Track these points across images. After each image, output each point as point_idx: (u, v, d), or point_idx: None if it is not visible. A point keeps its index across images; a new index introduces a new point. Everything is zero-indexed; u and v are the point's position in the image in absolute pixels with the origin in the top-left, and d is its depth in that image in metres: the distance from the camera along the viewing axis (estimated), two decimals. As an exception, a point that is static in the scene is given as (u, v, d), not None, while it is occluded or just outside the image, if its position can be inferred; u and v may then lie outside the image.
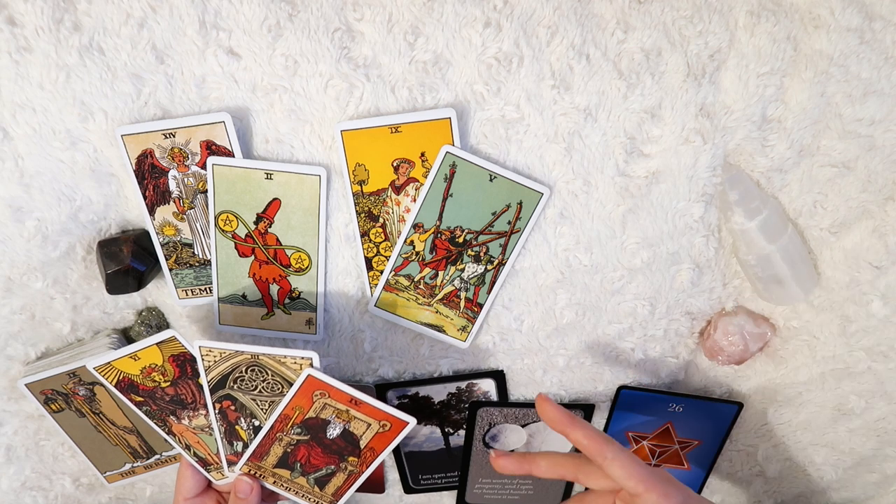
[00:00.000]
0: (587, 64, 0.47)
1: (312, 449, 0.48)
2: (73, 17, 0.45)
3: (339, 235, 0.53)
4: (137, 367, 0.47)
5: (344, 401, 0.45)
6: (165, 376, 0.47)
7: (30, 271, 0.53)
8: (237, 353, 0.45)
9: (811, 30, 0.46)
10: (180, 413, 0.49)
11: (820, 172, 0.51)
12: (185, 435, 0.50)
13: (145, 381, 0.48)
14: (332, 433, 0.47)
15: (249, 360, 0.45)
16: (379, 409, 0.45)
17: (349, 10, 0.47)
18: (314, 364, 0.45)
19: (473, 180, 0.50)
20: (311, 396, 0.45)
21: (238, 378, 0.46)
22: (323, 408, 0.46)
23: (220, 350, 0.45)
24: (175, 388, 0.48)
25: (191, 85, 0.48)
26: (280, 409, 0.46)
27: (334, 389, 0.45)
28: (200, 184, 0.51)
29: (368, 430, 0.47)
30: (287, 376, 0.45)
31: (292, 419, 0.46)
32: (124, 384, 0.48)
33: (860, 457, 0.66)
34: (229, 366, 0.46)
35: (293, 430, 0.47)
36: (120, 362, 0.47)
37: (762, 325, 0.57)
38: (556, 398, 0.62)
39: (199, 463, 0.51)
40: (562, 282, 0.55)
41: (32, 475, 0.64)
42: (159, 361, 0.47)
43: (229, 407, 0.47)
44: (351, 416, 0.46)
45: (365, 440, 0.47)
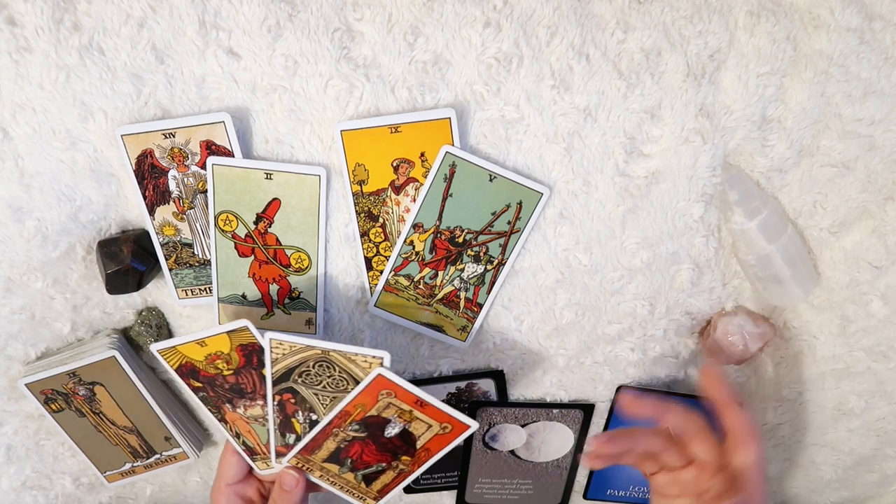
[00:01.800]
0: (587, 64, 0.47)
1: (367, 446, 0.47)
2: (72, 17, 0.45)
3: (338, 235, 0.53)
4: (203, 353, 0.46)
5: (409, 402, 0.44)
6: (229, 364, 0.46)
7: (30, 271, 0.53)
8: (307, 348, 0.44)
9: (811, 30, 0.46)
10: (237, 402, 0.47)
11: (820, 172, 0.51)
12: (237, 423, 0.49)
13: (207, 368, 0.47)
14: (391, 432, 0.46)
15: (319, 355, 0.44)
16: (443, 412, 0.44)
17: (349, 10, 0.47)
18: (385, 363, 0.43)
19: (473, 180, 0.50)
20: (377, 395, 0.44)
21: (304, 372, 0.45)
22: (386, 407, 0.45)
23: (290, 343, 0.44)
24: (237, 377, 0.46)
25: (191, 85, 0.48)
26: (342, 405, 0.45)
27: (402, 390, 0.43)
28: (200, 184, 0.51)
29: (428, 430, 0.46)
30: (355, 374, 0.44)
31: (353, 416, 0.45)
32: (186, 369, 0.47)
33: (860, 457, 0.66)
34: (297, 360, 0.44)
35: (351, 427, 0.46)
36: (186, 347, 0.46)
37: (762, 325, 0.57)
38: (555, 398, 0.62)
39: (246, 451, 0.49)
40: (561, 282, 0.55)
41: (33, 475, 0.64)
42: (226, 350, 0.46)
43: (289, 399, 0.46)
44: (413, 416, 0.45)
45: (422, 441, 0.46)
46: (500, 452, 0.66)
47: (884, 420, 0.62)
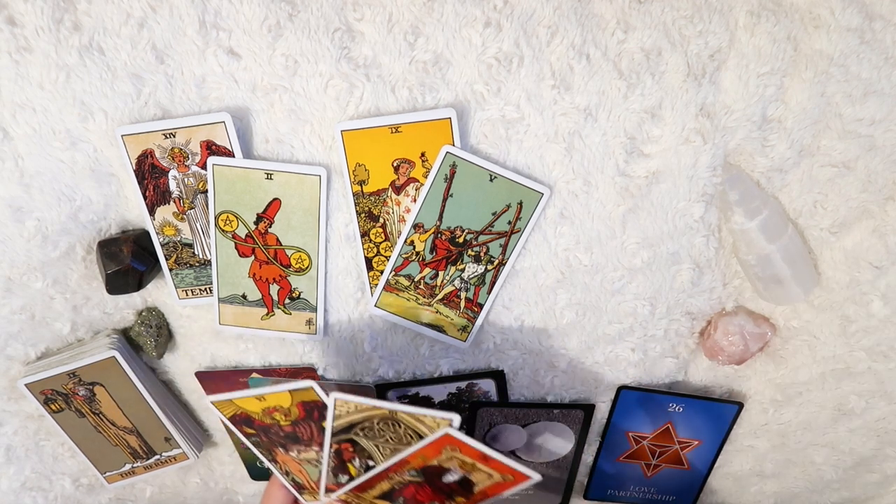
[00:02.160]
0: (587, 64, 0.47)
1: (422, 488, 0.45)
2: (73, 17, 0.45)
3: (339, 235, 0.53)
4: (261, 406, 0.45)
5: (474, 456, 0.42)
6: (288, 417, 0.45)
7: (30, 271, 0.53)
8: (373, 408, 0.42)
9: (811, 30, 0.46)
10: (291, 447, 0.46)
11: (820, 172, 0.51)
12: (288, 464, 0.47)
13: (264, 419, 0.45)
14: (450, 479, 0.44)
15: (385, 415, 0.42)
16: (507, 465, 0.42)
17: (349, 9, 0.47)
18: (454, 424, 0.41)
19: (473, 180, 0.50)
20: (441, 450, 0.43)
21: (366, 427, 0.43)
22: (448, 459, 0.43)
23: (356, 403, 0.42)
24: (294, 427, 0.45)
25: (191, 85, 0.48)
26: (403, 455, 0.43)
27: (467, 447, 0.42)
28: (200, 184, 0.51)
29: (488, 479, 0.44)
30: (421, 431, 0.42)
31: (412, 465, 0.44)
32: (240, 418, 0.46)
33: (860, 457, 0.66)
34: (361, 417, 0.43)
35: (409, 473, 0.45)
36: (244, 401, 0.44)
37: (762, 325, 0.57)
38: (556, 398, 0.62)
39: (294, 486, 0.48)
40: (562, 282, 0.55)
41: (32, 475, 0.64)
42: (286, 405, 0.44)
43: (347, 448, 0.45)
44: (475, 468, 0.43)
45: (480, 486, 0.44)
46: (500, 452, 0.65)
47: (884, 420, 0.62)
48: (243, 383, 0.60)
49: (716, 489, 0.72)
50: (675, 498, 0.70)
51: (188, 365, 0.61)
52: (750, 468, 0.69)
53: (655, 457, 0.66)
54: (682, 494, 0.70)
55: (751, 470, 0.69)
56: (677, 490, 0.69)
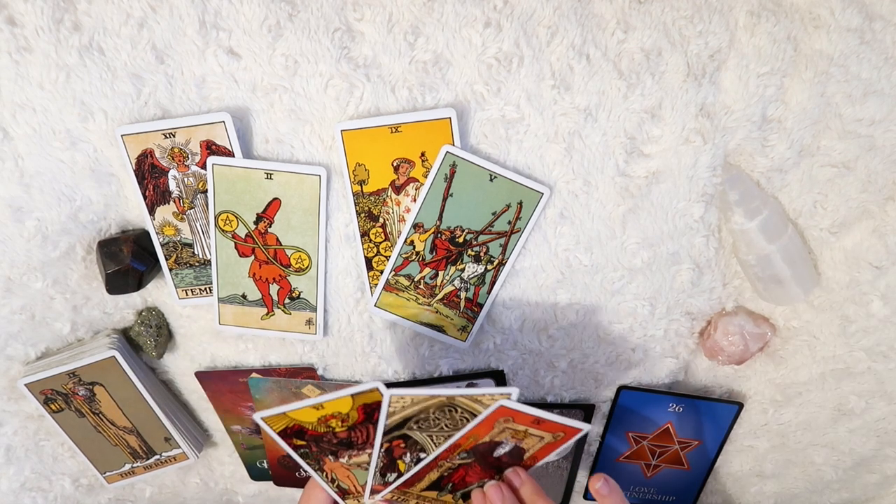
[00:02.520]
0: (587, 64, 0.47)
1: (471, 468, 0.44)
2: (73, 17, 0.45)
3: (339, 235, 0.53)
4: (317, 415, 0.42)
5: (527, 423, 0.41)
6: (345, 423, 0.42)
7: (30, 271, 0.53)
8: (430, 398, 0.40)
9: (811, 30, 0.46)
10: (342, 453, 0.44)
11: (820, 172, 0.51)
12: (336, 471, 0.45)
13: (318, 428, 0.43)
14: (501, 452, 0.44)
15: (444, 402, 0.41)
16: (559, 424, 0.42)
17: (349, 10, 0.47)
18: (513, 397, 0.40)
19: (473, 180, 0.50)
20: (494, 423, 0.41)
21: (422, 419, 0.42)
22: (501, 431, 0.42)
23: (412, 397, 0.40)
24: (349, 433, 0.43)
25: (191, 85, 0.48)
26: (454, 439, 0.42)
27: (521, 414, 0.41)
28: (200, 184, 0.51)
29: (539, 442, 0.43)
30: (476, 411, 0.41)
31: (463, 447, 0.43)
32: (291, 431, 0.43)
33: (860, 457, 0.66)
34: (417, 410, 0.41)
35: (459, 456, 0.43)
36: (299, 412, 0.42)
37: (762, 325, 0.57)
38: (556, 398, 0.62)
39: (338, 493, 0.46)
40: (562, 282, 0.55)
41: (32, 476, 0.64)
42: (346, 410, 0.42)
43: (398, 445, 0.43)
44: (528, 434, 0.42)
45: (530, 452, 0.44)
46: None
47: (884, 420, 0.62)
48: (243, 383, 0.60)
49: (716, 489, 0.72)
50: (675, 498, 0.70)
51: (188, 365, 0.61)
52: (750, 468, 0.69)
53: (655, 457, 0.66)
54: (682, 495, 0.70)
55: (751, 470, 0.69)
56: (677, 490, 0.69)
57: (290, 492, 0.73)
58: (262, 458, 0.68)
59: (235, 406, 0.63)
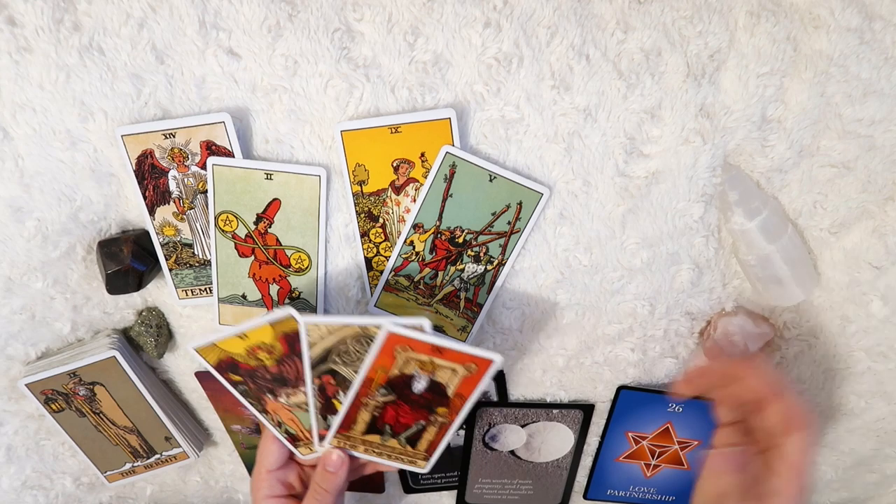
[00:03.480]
0: (587, 64, 0.47)
1: (400, 408, 0.46)
2: (73, 18, 0.45)
3: (338, 236, 0.53)
4: (244, 345, 0.45)
5: (426, 351, 0.43)
6: (272, 354, 0.45)
7: (30, 271, 0.53)
8: (345, 327, 0.43)
9: (811, 30, 0.46)
10: (279, 391, 0.46)
11: (820, 173, 0.51)
12: (279, 412, 0.48)
13: (248, 360, 0.45)
14: (418, 387, 0.45)
15: (358, 332, 0.43)
16: (463, 353, 0.43)
17: (349, 10, 0.47)
18: (425, 328, 0.42)
19: (473, 180, 0.50)
20: (393, 353, 0.43)
21: (343, 352, 0.44)
22: (405, 363, 0.43)
23: (326, 325, 0.43)
24: (279, 367, 0.45)
25: (191, 85, 0.48)
26: (362, 373, 0.44)
27: (416, 342, 0.42)
28: (200, 184, 0.51)
29: (454, 375, 0.44)
30: None
31: (376, 381, 0.44)
32: (225, 364, 0.46)
33: (860, 457, 0.66)
34: (334, 339, 0.43)
35: (379, 392, 0.45)
36: (226, 342, 0.45)
37: (762, 325, 0.57)
38: (555, 398, 0.62)
39: (289, 439, 0.48)
40: (561, 282, 0.55)
41: (33, 474, 0.65)
42: (269, 340, 0.44)
43: (329, 382, 0.45)
44: (435, 365, 0.44)
45: (452, 388, 0.45)
46: (500, 453, 0.66)
47: (883, 420, 0.62)
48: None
49: (715, 489, 0.72)
50: (675, 498, 0.70)
51: (188, 364, 0.61)
52: (750, 468, 0.69)
53: (655, 457, 0.66)
54: (682, 494, 0.70)
55: (750, 470, 0.69)
56: (677, 490, 0.69)
57: (290, 491, 0.73)
58: (263, 457, 0.68)
59: (235, 406, 0.63)
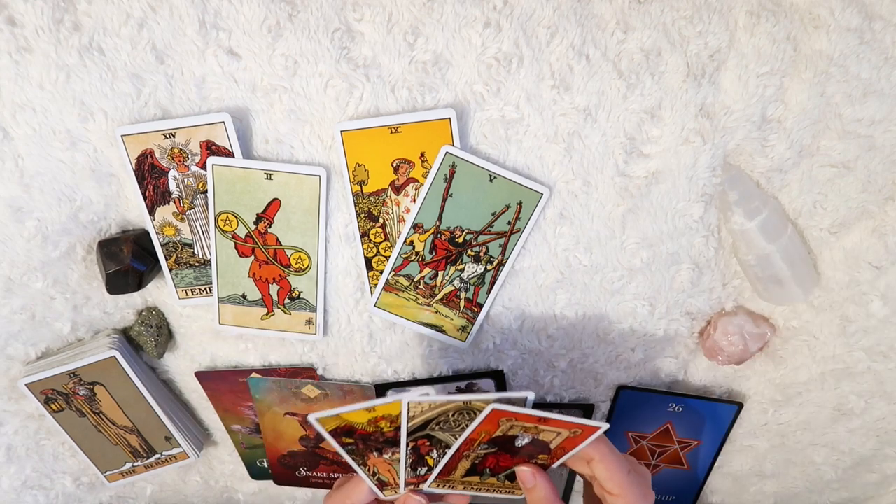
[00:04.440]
0: (587, 64, 0.47)
1: (500, 457, 0.46)
2: (73, 18, 0.45)
3: (338, 235, 0.53)
4: (368, 416, 0.43)
5: (532, 421, 0.43)
6: (393, 424, 0.44)
7: (30, 271, 0.53)
8: (448, 403, 0.42)
9: (811, 30, 0.46)
10: (387, 450, 0.45)
11: (820, 172, 0.51)
12: (378, 465, 0.46)
13: (368, 428, 0.44)
14: (522, 443, 0.45)
15: (460, 406, 0.42)
16: (568, 422, 0.42)
17: (349, 10, 0.47)
18: (528, 402, 0.42)
19: (473, 180, 0.50)
20: (497, 422, 0.43)
21: (442, 421, 0.43)
22: (510, 428, 0.44)
23: (430, 403, 0.42)
24: (395, 433, 0.44)
25: (191, 85, 0.48)
26: (465, 434, 0.43)
27: (521, 415, 0.42)
28: (200, 184, 0.51)
29: (558, 436, 0.44)
30: None
31: (478, 440, 0.44)
32: (341, 430, 0.44)
33: (860, 457, 0.66)
34: (436, 413, 0.43)
35: (481, 447, 0.45)
36: (352, 415, 0.43)
37: (762, 325, 0.57)
38: (556, 398, 0.62)
39: (378, 485, 0.47)
40: (562, 282, 0.55)
41: (33, 474, 0.65)
42: (396, 413, 0.43)
43: (423, 444, 0.45)
44: (540, 429, 0.44)
45: (555, 444, 0.45)
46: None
47: (884, 420, 0.62)
48: (243, 383, 0.61)
49: (715, 489, 0.72)
50: (675, 498, 0.70)
51: (188, 364, 0.61)
52: (749, 468, 0.69)
53: (655, 457, 0.66)
54: (682, 494, 0.70)
55: (750, 470, 0.69)
56: (677, 490, 0.69)
57: (289, 490, 0.73)
58: (262, 457, 0.68)
59: (235, 406, 0.63)
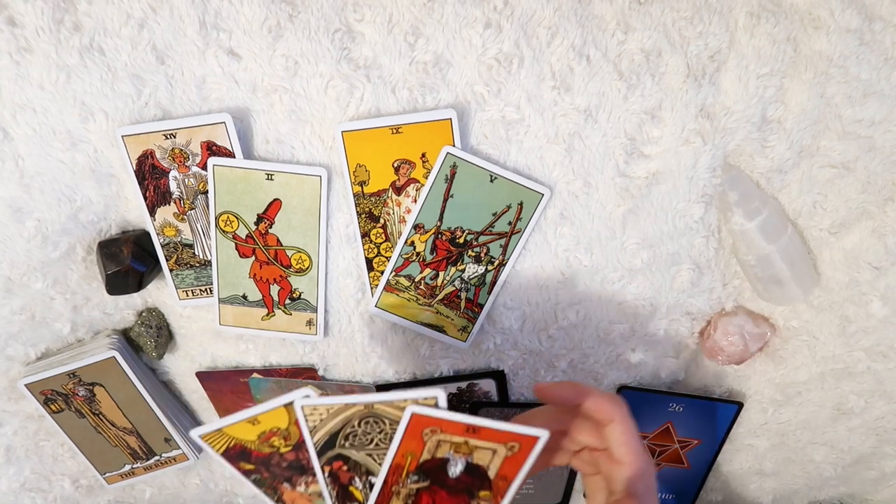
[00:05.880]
0: (587, 65, 0.47)
1: (436, 494, 0.40)
2: (73, 18, 0.45)
3: (339, 236, 0.53)
4: (255, 432, 0.40)
5: (459, 432, 0.38)
6: (288, 440, 0.40)
7: (30, 272, 0.53)
8: (347, 407, 0.38)
9: (811, 31, 0.47)
10: (297, 479, 0.42)
11: (820, 173, 0.51)
12: (297, 502, 0.43)
13: (261, 448, 0.40)
14: (455, 471, 0.40)
15: (363, 411, 0.38)
16: (502, 432, 0.37)
17: (349, 10, 0.47)
18: (439, 403, 0.37)
19: (474, 181, 0.50)
20: (421, 436, 0.38)
21: (350, 434, 0.39)
22: (437, 446, 0.39)
23: (326, 406, 0.38)
24: (296, 453, 0.41)
25: (191, 85, 0.48)
26: (389, 459, 0.39)
27: (446, 422, 0.37)
28: (201, 184, 0.51)
29: (495, 457, 0.39)
30: None
31: (405, 467, 0.39)
32: (234, 452, 0.41)
33: (859, 455, 0.66)
34: (339, 422, 0.39)
35: (410, 479, 0.40)
36: (234, 428, 0.39)
37: (762, 325, 0.57)
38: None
39: None
40: (562, 282, 0.55)
41: (32, 476, 0.64)
42: (284, 425, 0.39)
43: (340, 468, 0.40)
44: (471, 447, 0.38)
45: (493, 469, 0.39)
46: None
47: (883, 419, 0.63)
48: (244, 384, 0.61)
49: (716, 487, 0.72)
50: (675, 496, 0.70)
51: (188, 365, 0.61)
52: (749, 466, 0.69)
53: (656, 456, 0.66)
54: (683, 493, 0.70)
55: (750, 468, 0.69)
56: (677, 489, 0.69)
57: (290, 492, 0.73)
58: (263, 458, 0.68)
59: (236, 406, 0.63)
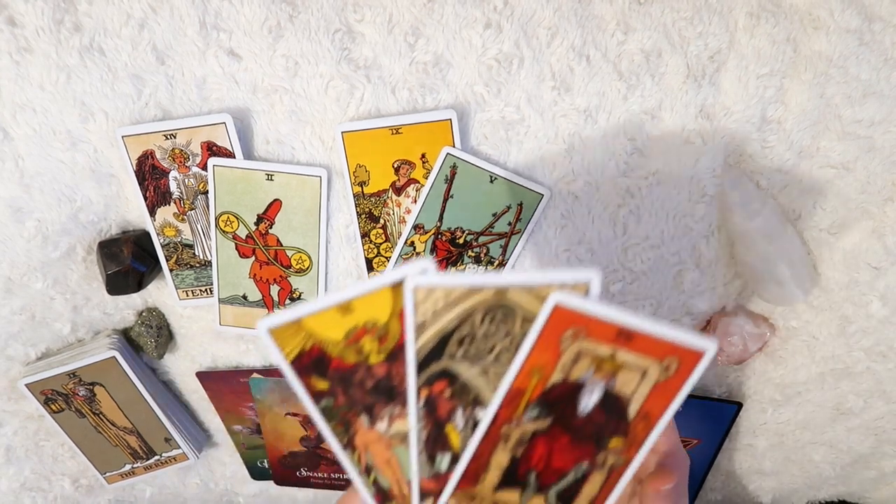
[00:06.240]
0: (587, 65, 0.47)
1: (555, 441, 0.31)
2: (73, 18, 0.45)
3: (339, 236, 0.53)
4: (345, 326, 0.29)
5: (609, 338, 0.28)
6: (383, 343, 0.30)
7: (30, 272, 0.53)
8: (472, 292, 0.28)
9: (811, 31, 0.47)
10: (380, 410, 0.31)
11: (819, 173, 0.51)
12: (372, 448, 0.32)
13: (345, 354, 0.30)
14: (588, 403, 0.30)
15: (490, 300, 0.28)
16: (665, 341, 0.28)
17: (350, 11, 0.47)
18: (592, 289, 0.27)
19: (474, 181, 0.50)
20: (559, 342, 0.28)
21: (466, 337, 0.29)
22: (575, 361, 0.29)
23: (444, 290, 0.28)
24: (388, 366, 0.30)
25: (191, 86, 0.48)
26: (511, 376, 0.29)
27: (595, 322, 0.28)
28: (201, 185, 0.51)
29: (643, 382, 0.29)
30: None
31: (527, 394, 0.30)
32: (308, 359, 0.30)
33: (858, 455, 0.66)
34: (456, 316, 0.29)
35: (528, 414, 0.31)
36: (318, 319, 0.29)
37: (762, 326, 0.57)
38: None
39: (377, 497, 0.33)
40: (562, 282, 0.55)
41: (32, 476, 0.64)
42: (384, 317, 0.29)
43: (441, 393, 0.31)
44: (617, 364, 0.29)
45: (636, 404, 0.30)
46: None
47: (882, 419, 0.63)
48: (244, 383, 0.61)
49: (715, 486, 0.72)
50: (675, 497, 0.70)
51: (189, 365, 0.61)
52: (749, 466, 0.69)
53: (655, 456, 0.66)
54: (682, 494, 0.70)
55: (750, 468, 0.69)
56: (676, 489, 0.69)
57: (291, 492, 0.73)
58: (263, 457, 0.68)
59: (236, 406, 0.63)
